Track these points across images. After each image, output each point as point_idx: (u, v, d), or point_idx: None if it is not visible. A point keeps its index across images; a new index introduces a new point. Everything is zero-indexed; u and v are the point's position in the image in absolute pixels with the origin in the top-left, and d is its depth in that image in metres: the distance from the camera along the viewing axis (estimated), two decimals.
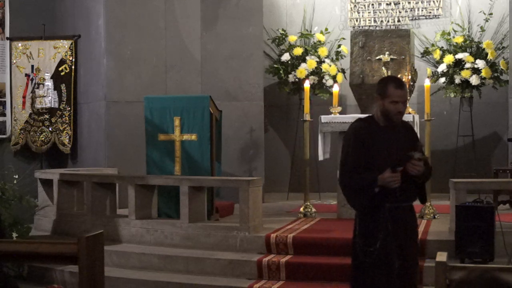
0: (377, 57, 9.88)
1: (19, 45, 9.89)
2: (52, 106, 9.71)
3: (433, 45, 10.33)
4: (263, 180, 8.16)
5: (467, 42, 10.08)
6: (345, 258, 6.36)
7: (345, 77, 10.51)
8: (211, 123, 7.62)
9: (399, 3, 10.89)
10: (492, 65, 9.89)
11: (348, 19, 11.06)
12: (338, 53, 10.63)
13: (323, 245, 6.66)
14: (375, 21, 10.97)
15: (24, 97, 9.84)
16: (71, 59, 9.77)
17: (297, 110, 10.55)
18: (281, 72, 10.46)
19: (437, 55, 10.13)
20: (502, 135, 10.22)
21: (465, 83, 9.85)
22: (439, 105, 10.34)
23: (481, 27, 10.16)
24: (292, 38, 10.65)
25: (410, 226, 4.40)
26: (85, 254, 3.73)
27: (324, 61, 10.37)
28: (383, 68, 9.76)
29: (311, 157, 8.36)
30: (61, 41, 9.84)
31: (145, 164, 7.80)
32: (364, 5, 11.01)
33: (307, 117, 8.06)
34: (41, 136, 9.79)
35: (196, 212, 7.22)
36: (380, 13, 10.97)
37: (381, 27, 10.77)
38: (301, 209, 8.06)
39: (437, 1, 10.73)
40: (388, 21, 10.90)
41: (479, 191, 7.37)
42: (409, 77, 9.44)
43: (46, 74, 9.79)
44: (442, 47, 10.22)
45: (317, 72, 10.30)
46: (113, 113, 9.23)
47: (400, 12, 10.89)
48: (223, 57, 9.73)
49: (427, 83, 8.00)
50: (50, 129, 9.76)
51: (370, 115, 4.46)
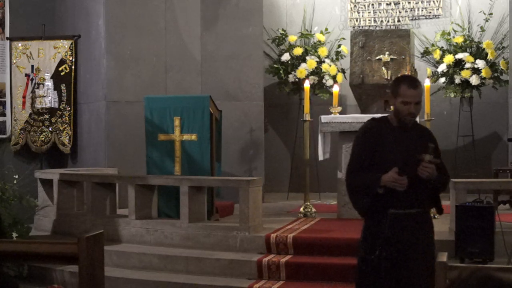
0: (377, 57, 9.88)
1: (19, 45, 9.88)
2: (52, 106, 9.71)
3: (433, 45, 10.33)
4: (263, 180, 8.16)
5: (467, 42, 10.08)
6: (345, 258, 6.38)
7: (345, 77, 10.51)
8: (211, 123, 7.61)
9: (399, 3, 10.89)
10: (492, 65, 9.89)
11: (348, 19, 11.06)
12: (338, 53, 10.64)
13: (323, 245, 6.66)
14: (375, 21, 10.97)
15: (24, 97, 9.84)
16: (71, 59, 9.77)
17: (297, 110, 10.55)
18: (281, 72, 10.46)
19: (437, 55, 10.13)
20: (502, 135, 10.22)
21: (465, 83, 9.86)
22: (439, 105, 10.35)
23: (481, 27, 10.16)
24: (292, 38, 10.65)
25: (420, 236, 4.07)
26: (85, 254, 3.73)
27: (324, 61, 10.38)
28: (383, 68, 9.77)
29: (311, 157, 8.36)
30: (61, 41, 9.84)
31: (145, 164, 7.80)
32: (364, 5, 11.01)
33: (307, 117, 8.06)
34: (41, 136, 9.78)
35: (196, 212, 7.22)
36: (380, 13, 10.97)
37: (381, 27, 10.77)
38: (301, 209, 8.06)
39: (437, 1, 10.73)
40: (388, 21, 10.90)
41: (479, 191, 7.37)
42: None
43: (46, 74, 9.79)
44: (442, 47, 10.22)
45: (317, 72, 10.30)
46: (113, 113, 9.23)
47: (400, 12, 10.89)
48: (223, 57, 9.73)
49: (427, 83, 8.00)
50: (50, 129, 9.76)
51: (385, 115, 4.31)
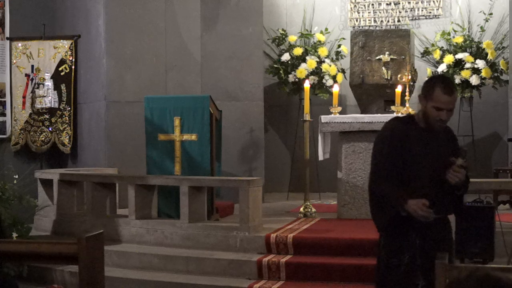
0: (377, 57, 9.89)
1: (19, 45, 9.88)
2: (52, 106, 9.71)
3: (433, 45, 10.33)
4: (263, 180, 8.16)
5: (467, 42, 10.08)
6: (345, 258, 6.38)
7: (345, 77, 10.51)
8: (211, 123, 7.61)
9: (399, 3, 10.89)
10: (492, 65, 9.89)
11: (348, 19, 11.06)
12: (338, 53, 10.63)
13: (323, 245, 6.66)
14: (375, 21, 10.97)
15: (24, 97, 9.83)
16: (71, 59, 9.77)
17: (297, 110, 10.55)
18: (281, 72, 10.46)
19: (437, 55, 10.13)
20: (502, 135, 10.22)
21: (465, 83, 9.86)
22: None
23: (481, 27, 10.16)
24: (292, 38, 10.65)
25: (442, 243, 3.96)
26: (85, 254, 3.73)
27: (324, 61, 10.37)
28: (383, 68, 9.77)
29: (311, 157, 8.36)
30: (61, 41, 9.83)
31: (145, 164, 7.80)
32: (364, 5, 11.01)
33: (307, 117, 8.06)
34: (41, 136, 9.78)
35: (196, 212, 7.22)
36: (380, 13, 10.97)
37: (381, 27, 10.77)
38: (301, 209, 8.05)
39: (437, 1, 10.73)
40: (388, 21, 10.90)
41: (479, 191, 7.36)
42: (409, 77, 9.44)
43: (46, 74, 9.79)
44: (442, 47, 10.22)
45: (317, 72, 10.30)
46: (113, 113, 9.23)
47: (400, 12, 10.89)
48: (223, 57, 9.73)
49: None
50: (50, 129, 9.76)
51: (411, 114, 4.10)
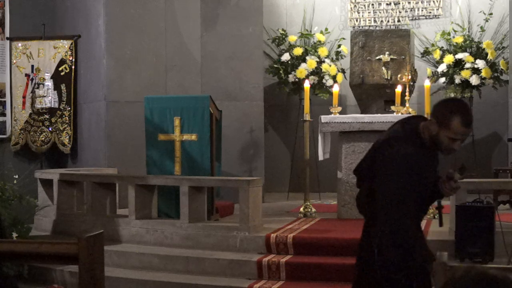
0: (377, 57, 9.89)
1: (19, 45, 9.88)
2: (52, 106, 9.71)
3: (433, 45, 10.33)
4: (263, 180, 8.16)
5: (467, 42, 10.08)
6: (345, 258, 6.37)
7: (345, 77, 10.51)
8: (211, 123, 7.61)
9: (399, 3, 10.89)
10: (492, 65, 9.89)
11: (348, 19, 11.06)
12: (338, 53, 10.63)
13: (323, 245, 6.66)
14: (375, 21, 10.97)
15: (24, 97, 9.84)
16: (71, 59, 9.77)
17: (297, 110, 10.55)
18: (281, 72, 10.46)
19: (437, 55, 10.13)
20: (502, 135, 10.22)
21: (465, 83, 9.86)
22: None
23: (481, 27, 10.16)
24: (292, 38, 10.65)
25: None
26: (85, 254, 3.72)
27: (324, 61, 10.37)
28: (383, 68, 9.77)
29: (311, 157, 8.36)
30: (61, 41, 9.83)
31: (145, 164, 7.80)
32: (364, 5, 11.01)
33: (307, 117, 8.06)
34: (41, 136, 9.78)
35: (196, 212, 7.22)
36: (380, 13, 10.97)
37: (381, 27, 10.77)
38: (301, 209, 8.06)
39: (437, 1, 10.73)
40: (388, 21, 10.90)
41: (479, 191, 7.37)
42: (409, 77, 9.44)
43: (46, 74, 9.79)
44: (442, 47, 10.22)
45: (317, 72, 10.30)
46: (113, 113, 9.23)
47: (400, 12, 10.89)
48: (223, 57, 9.73)
49: (427, 83, 8.00)
50: (50, 129, 9.76)
51: (415, 131, 3.61)
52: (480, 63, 9.78)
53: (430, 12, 10.78)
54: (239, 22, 9.80)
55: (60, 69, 9.79)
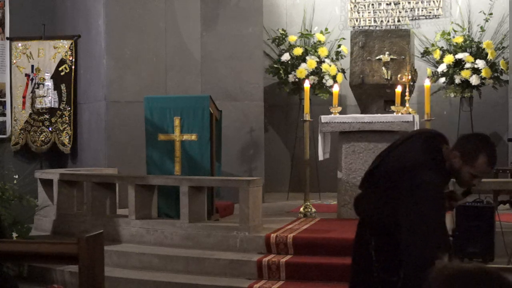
0: (377, 57, 9.89)
1: (19, 45, 9.88)
2: (52, 106, 9.71)
3: (433, 45, 10.33)
4: (263, 180, 8.16)
5: (467, 42, 10.08)
6: (345, 258, 6.36)
7: (345, 77, 10.51)
8: (211, 123, 7.62)
9: (399, 3, 10.89)
10: (492, 65, 9.89)
11: (348, 19, 11.06)
12: (338, 53, 10.63)
13: (323, 245, 6.66)
14: (375, 21, 10.97)
15: (24, 97, 9.84)
16: (71, 59, 9.77)
17: (297, 110, 10.55)
18: (281, 72, 10.46)
19: (437, 55, 10.13)
20: (502, 135, 10.21)
21: (465, 83, 9.85)
22: (439, 105, 10.34)
23: (481, 27, 10.16)
24: (292, 38, 10.65)
25: None
26: (85, 254, 3.73)
27: (324, 61, 10.37)
28: (383, 68, 9.77)
29: (311, 157, 8.36)
30: (61, 41, 9.83)
31: (145, 164, 7.80)
32: (364, 5, 11.01)
33: (307, 117, 8.06)
34: (41, 136, 9.78)
35: (196, 212, 7.22)
36: (380, 13, 10.97)
37: (381, 27, 10.77)
38: (301, 209, 8.06)
39: (437, 1, 10.73)
40: (388, 21, 10.90)
41: (479, 191, 7.36)
42: (409, 77, 9.44)
43: (46, 74, 9.79)
44: (442, 47, 10.22)
45: (317, 72, 10.29)
46: (113, 113, 9.23)
47: (400, 12, 10.89)
48: (223, 57, 9.73)
49: (427, 83, 8.00)
50: (50, 129, 9.76)
51: (439, 158, 3.55)
52: (480, 63, 9.78)
53: (430, 12, 10.78)
54: (239, 22, 9.80)
55: (60, 69, 9.79)
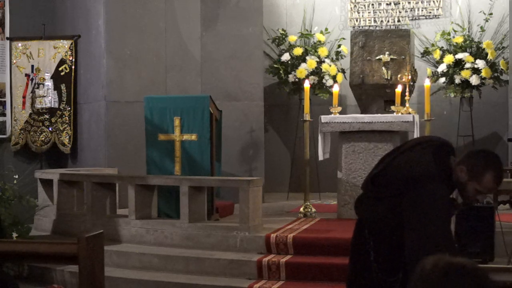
0: (377, 57, 9.89)
1: (19, 45, 9.88)
2: (52, 106, 9.71)
3: (433, 45, 10.33)
4: (263, 180, 8.16)
5: (467, 42, 10.08)
6: (345, 258, 6.35)
7: (345, 77, 10.51)
8: (211, 123, 7.62)
9: (399, 3, 10.89)
10: (492, 65, 9.89)
11: (348, 19, 11.06)
12: (338, 53, 10.63)
13: (323, 245, 6.66)
14: (375, 21, 10.97)
15: (24, 97, 9.84)
16: (71, 59, 9.77)
17: (297, 110, 10.55)
18: (281, 72, 10.46)
19: (437, 55, 10.13)
20: (502, 135, 10.21)
21: (465, 83, 9.85)
22: (439, 105, 10.34)
23: (481, 27, 10.16)
24: (292, 38, 10.65)
25: None
26: (85, 254, 3.73)
27: (324, 61, 10.37)
28: (383, 68, 9.77)
29: (311, 157, 8.36)
30: (61, 41, 9.83)
31: (145, 164, 7.80)
32: (364, 5, 11.01)
33: (307, 117, 8.06)
34: (41, 136, 9.78)
35: (196, 212, 7.22)
36: (380, 13, 10.97)
37: (381, 27, 10.77)
38: (301, 209, 8.05)
39: (437, 1, 10.73)
40: (388, 21, 10.90)
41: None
42: (409, 77, 9.44)
43: (46, 74, 9.79)
44: (442, 47, 10.22)
45: (317, 72, 10.29)
46: (113, 113, 9.23)
47: (400, 12, 10.89)
48: (223, 57, 9.73)
49: (427, 83, 8.00)
50: (50, 129, 9.76)
51: (448, 170, 3.57)
52: (480, 63, 9.78)
53: (430, 12, 10.77)
54: (239, 22, 9.80)
55: (60, 69, 9.79)
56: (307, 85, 8.27)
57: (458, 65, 9.90)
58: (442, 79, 10.01)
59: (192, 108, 7.60)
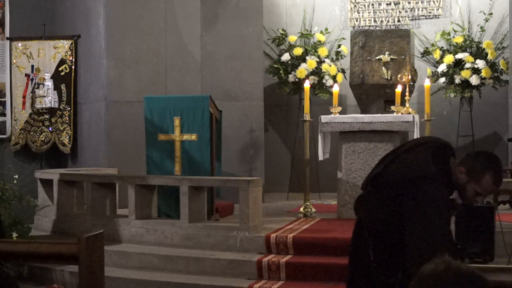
0: (377, 57, 9.89)
1: (19, 45, 9.88)
2: (52, 106, 9.71)
3: (433, 45, 10.33)
4: (263, 180, 8.16)
5: (467, 42, 10.08)
6: (345, 258, 6.36)
7: (345, 77, 10.51)
8: (211, 123, 7.61)
9: (399, 3, 10.89)
10: (492, 65, 9.89)
11: (348, 19, 11.06)
12: (338, 53, 10.63)
13: (323, 245, 6.66)
14: (375, 21, 10.97)
15: (24, 97, 9.84)
16: (71, 59, 9.77)
17: (297, 110, 10.55)
18: (281, 72, 10.46)
19: (437, 55, 10.13)
20: (502, 135, 10.21)
21: (465, 83, 9.85)
22: (439, 105, 10.34)
23: (481, 27, 10.16)
24: (292, 38, 10.65)
25: None
26: (85, 254, 3.73)
27: (324, 61, 10.37)
28: (383, 68, 9.77)
29: (311, 157, 8.36)
30: (61, 41, 9.84)
31: (145, 164, 7.80)
32: (364, 5, 11.01)
33: (307, 117, 8.06)
34: (41, 136, 9.78)
35: (196, 212, 7.22)
36: (380, 13, 10.97)
37: (381, 27, 10.77)
38: (301, 209, 8.05)
39: (437, 1, 10.73)
40: (388, 21, 10.90)
41: None
42: (409, 77, 9.44)
43: (46, 74, 9.79)
44: (442, 47, 10.22)
45: (317, 72, 10.29)
46: (113, 113, 9.23)
47: (400, 12, 10.89)
48: (223, 57, 9.73)
49: (427, 83, 8.00)
50: (50, 129, 9.76)
51: (448, 171, 3.58)
52: (480, 63, 9.78)
53: (430, 12, 10.77)
54: (239, 22, 9.80)
55: (60, 69, 9.79)
56: (307, 85, 8.27)
57: (458, 65, 9.90)
58: (442, 79, 10.01)
59: (192, 108, 7.60)
